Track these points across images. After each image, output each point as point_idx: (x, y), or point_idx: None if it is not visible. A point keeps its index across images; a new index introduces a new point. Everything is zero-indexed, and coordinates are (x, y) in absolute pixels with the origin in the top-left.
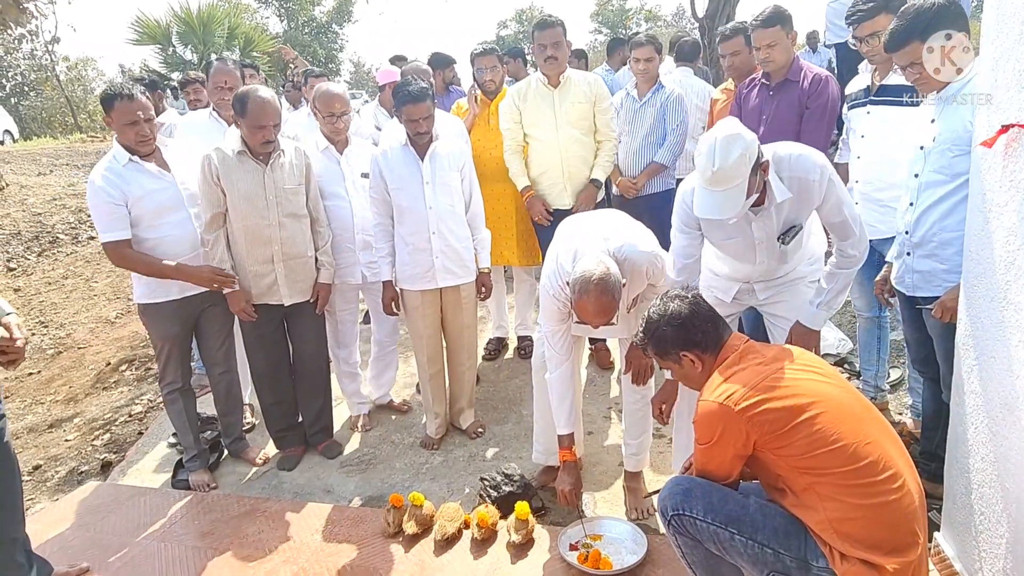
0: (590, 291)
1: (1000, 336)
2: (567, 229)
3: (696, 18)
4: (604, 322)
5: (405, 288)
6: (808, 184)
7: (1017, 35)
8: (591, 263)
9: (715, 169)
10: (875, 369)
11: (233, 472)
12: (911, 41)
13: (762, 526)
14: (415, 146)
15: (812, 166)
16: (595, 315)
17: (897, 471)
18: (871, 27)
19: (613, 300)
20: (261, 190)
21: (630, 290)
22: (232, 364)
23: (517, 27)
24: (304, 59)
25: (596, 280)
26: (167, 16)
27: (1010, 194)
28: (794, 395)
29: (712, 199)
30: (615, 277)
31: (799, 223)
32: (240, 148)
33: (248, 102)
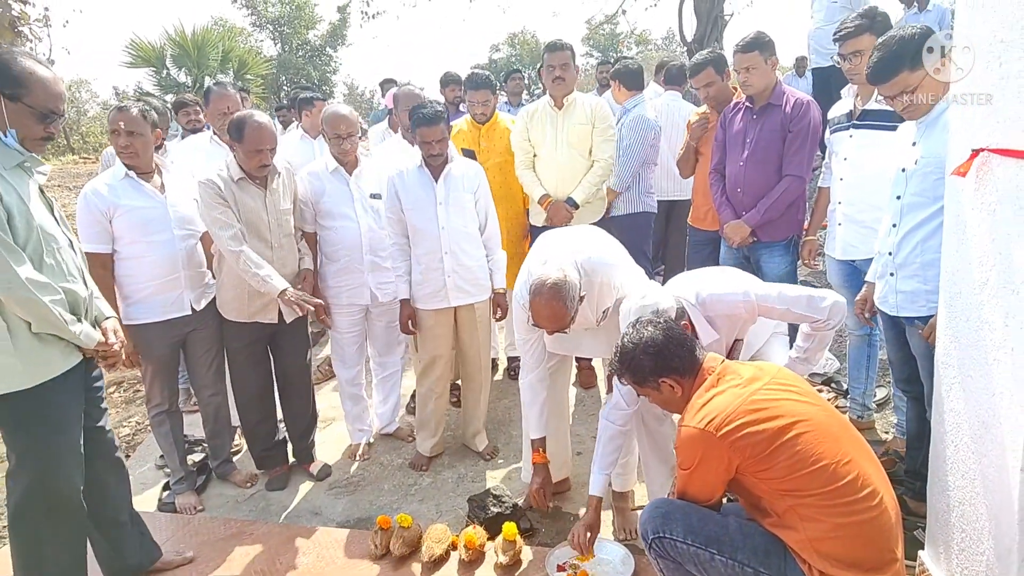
0: (542, 294)
1: (977, 355)
2: (542, 242)
3: (684, 42)
4: (556, 328)
5: (420, 307)
6: (735, 318)
7: (984, 64)
8: (551, 269)
9: None
10: (863, 387)
11: (220, 495)
12: (901, 71)
13: (742, 546)
14: (429, 167)
15: (733, 302)
16: (546, 320)
17: (875, 488)
18: (855, 44)
19: (563, 306)
20: (264, 214)
21: (598, 302)
22: (221, 386)
23: (510, 51)
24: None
25: (550, 285)
26: (161, 39)
27: (982, 216)
28: (774, 417)
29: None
30: (570, 285)
31: (742, 338)
32: (240, 175)
33: (245, 127)
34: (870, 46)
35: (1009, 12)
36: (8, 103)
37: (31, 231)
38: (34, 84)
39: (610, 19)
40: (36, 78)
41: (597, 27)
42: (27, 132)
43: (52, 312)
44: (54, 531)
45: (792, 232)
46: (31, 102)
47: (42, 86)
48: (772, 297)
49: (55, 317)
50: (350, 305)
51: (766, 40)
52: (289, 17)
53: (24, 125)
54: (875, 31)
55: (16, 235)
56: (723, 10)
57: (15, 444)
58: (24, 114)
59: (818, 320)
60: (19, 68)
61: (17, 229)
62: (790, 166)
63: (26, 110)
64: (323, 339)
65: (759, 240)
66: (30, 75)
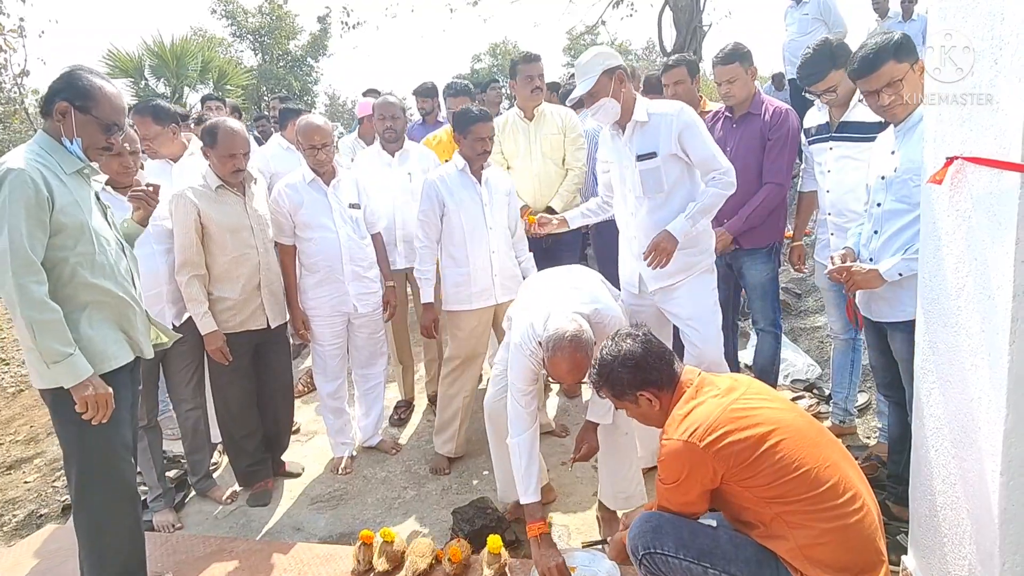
0: (564, 348)
1: (954, 360)
2: (534, 286)
3: (664, 52)
4: (577, 379)
5: (460, 310)
6: (669, 119)
7: (955, 74)
8: (564, 321)
9: (577, 63)
10: (846, 392)
11: (200, 511)
12: (886, 61)
13: (734, 558)
14: (472, 170)
15: (676, 108)
16: (568, 373)
17: (857, 491)
18: (827, 83)
19: (586, 357)
20: (246, 220)
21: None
22: (200, 401)
23: (491, 61)
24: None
25: (570, 337)
26: (140, 49)
27: (957, 223)
28: (754, 425)
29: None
30: (588, 335)
31: (656, 151)
32: (218, 183)
33: (218, 132)
34: (840, 78)
35: (979, 23)
36: (78, 114)
37: (83, 233)
38: (102, 98)
39: (591, 30)
40: (104, 93)
41: (578, 37)
42: (91, 141)
43: (27, 329)
44: (114, 519)
45: (773, 239)
46: (98, 114)
47: (108, 100)
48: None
49: (28, 336)
50: (332, 316)
51: (744, 51)
52: (269, 27)
53: (89, 135)
54: (838, 65)
55: (67, 236)
56: (702, 21)
57: (65, 435)
58: (91, 125)
59: (717, 170)
60: (89, 83)
61: (68, 229)
62: (770, 173)
63: (93, 121)
64: (304, 352)
65: (741, 248)
66: (99, 90)
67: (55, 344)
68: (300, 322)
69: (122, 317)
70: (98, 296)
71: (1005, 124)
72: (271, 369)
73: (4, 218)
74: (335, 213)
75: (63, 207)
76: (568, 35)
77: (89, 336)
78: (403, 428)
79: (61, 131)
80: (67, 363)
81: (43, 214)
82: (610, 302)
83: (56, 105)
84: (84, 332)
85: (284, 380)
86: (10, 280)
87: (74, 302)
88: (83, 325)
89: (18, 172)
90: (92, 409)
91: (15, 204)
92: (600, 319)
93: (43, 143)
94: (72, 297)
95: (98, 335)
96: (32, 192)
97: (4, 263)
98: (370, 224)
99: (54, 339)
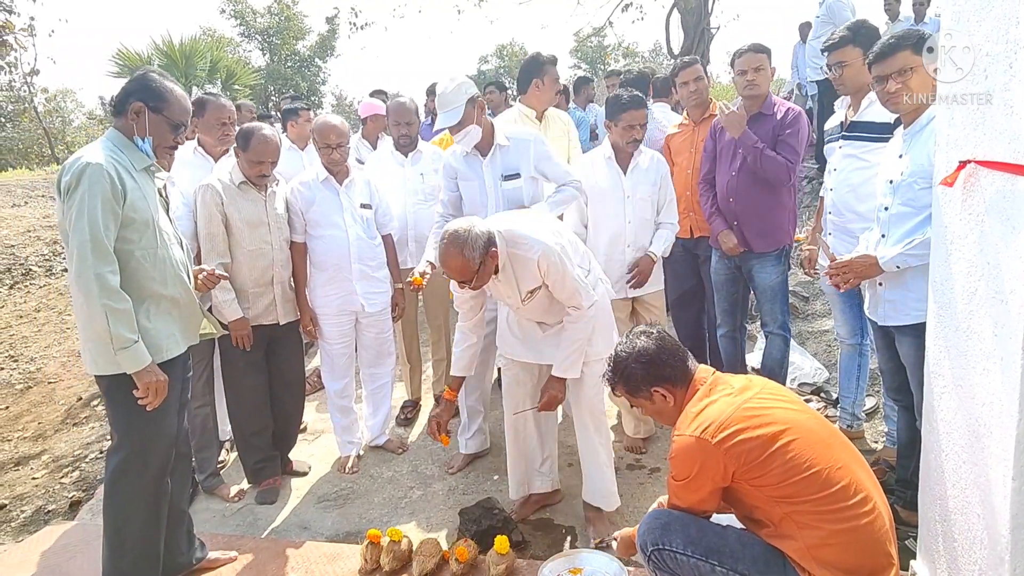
0: (443, 241)
1: (965, 365)
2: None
3: (672, 54)
4: (459, 279)
5: None
6: (527, 144)
7: (970, 77)
8: (460, 220)
9: (439, 93)
10: (853, 397)
11: (207, 509)
12: (903, 50)
13: (742, 556)
14: (619, 158)
15: (532, 135)
16: (448, 268)
17: (868, 494)
18: (839, 56)
19: (460, 254)
20: (264, 216)
21: (517, 276)
22: (210, 398)
23: (498, 62)
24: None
25: (450, 232)
26: (149, 49)
27: (969, 226)
28: (767, 424)
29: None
30: (473, 236)
31: (519, 172)
32: (242, 179)
33: (252, 139)
34: (854, 58)
35: (993, 26)
36: (151, 114)
37: (147, 227)
38: (173, 100)
39: (598, 31)
40: (175, 95)
41: (585, 39)
42: (161, 140)
43: (102, 316)
44: (139, 512)
45: (783, 243)
46: (169, 114)
47: (179, 102)
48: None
49: (102, 323)
50: (339, 314)
51: (768, 48)
52: (278, 28)
53: (160, 134)
54: (859, 43)
55: (134, 229)
56: (710, 24)
57: (119, 422)
58: (162, 124)
59: (577, 309)
60: (161, 85)
61: (136, 223)
62: (782, 149)
63: (164, 121)
64: (312, 350)
65: (751, 251)
66: (171, 92)
67: (125, 331)
68: (308, 319)
69: (178, 309)
70: (158, 289)
71: (1020, 127)
72: (282, 365)
73: (84, 210)
74: (346, 212)
75: (133, 202)
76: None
77: (146, 328)
78: (410, 428)
79: (133, 129)
80: (133, 349)
81: (117, 207)
82: (543, 235)
83: (131, 105)
84: (143, 324)
85: (295, 377)
86: (90, 270)
87: (136, 294)
88: (142, 318)
89: (96, 166)
90: (152, 394)
91: (94, 197)
92: (516, 240)
93: (116, 140)
94: (135, 289)
95: (154, 328)
96: (108, 186)
97: (85, 253)
98: (381, 224)
99: (124, 327)
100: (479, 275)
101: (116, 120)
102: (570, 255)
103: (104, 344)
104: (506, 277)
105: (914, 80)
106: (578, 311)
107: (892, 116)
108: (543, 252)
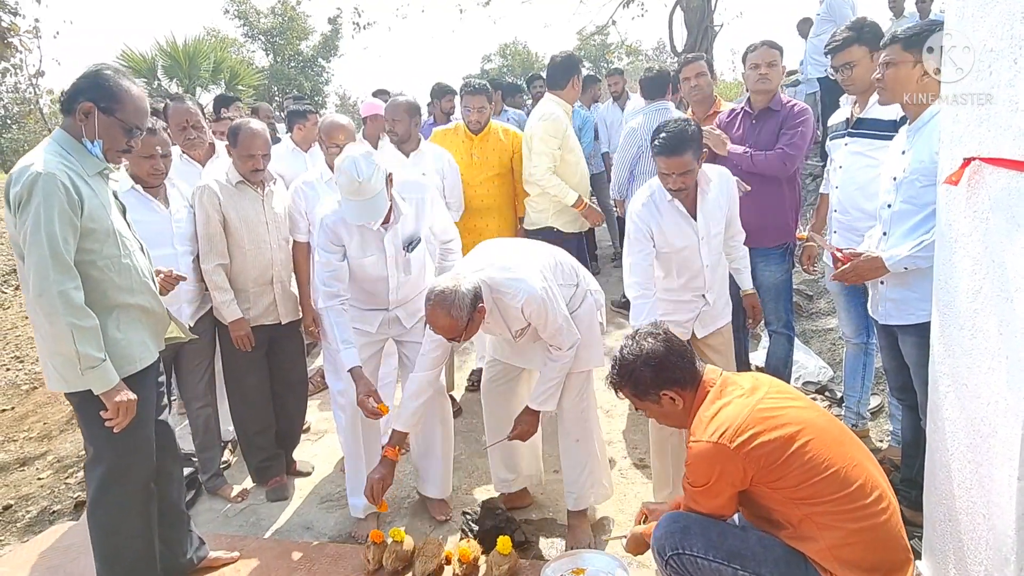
0: (430, 302)
1: (970, 363)
2: (477, 250)
3: (675, 52)
4: (449, 337)
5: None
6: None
7: (974, 74)
8: (447, 278)
9: (360, 181)
10: (858, 396)
11: (210, 509)
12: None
13: (764, 559)
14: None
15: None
16: (437, 328)
17: (883, 491)
18: (845, 56)
19: (448, 316)
20: (262, 215)
21: (505, 319)
22: (211, 398)
23: (501, 61)
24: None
25: (436, 293)
26: (153, 50)
27: (974, 224)
28: (783, 425)
29: (361, 208)
30: (460, 295)
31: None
32: (239, 179)
33: (239, 133)
34: (861, 57)
35: (997, 22)
36: (102, 115)
37: (108, 236)
38: (127, 100)
39: (601, 30)
40: (130, 95)
41: (588, 38)
42: (112, 143)
43: (67, 335)
44: (128, 520)
45: (787, 239)
46: (122, 116)
47: (133, 102)
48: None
49: (68, 343)
50: None
51: (781, 46)
52: (281, 28)
53: (111, 137)
54: (863, 42)
55: (95, 239)
56: (713, 21)
57: (95, 436)
58: (114, 127)
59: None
60: (115, 83)
61: (96, 232)
62: (784, 142)
63: (117, 123)
64: (315, 351)
65: (753, 247)
66: (126, 92)
67: (92, 350)
68: (311, 319)
69: (147, 317)
70: (126, 298)
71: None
72: (284, 365)
73: (40, 225)
74: None
75: (91, 211)
76: (578, 35)
77: (117, 339)
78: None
79: (82, 131)
80: (101, 369)
81: (75, 218)
82: (527, 275)
83: (80, 104)
84: (112, 335)
85: (297, 376)
86: (53, 287)
87: (101, 306)
88: (111, 328)
89: (48, 176)
90: (122, 414)
91: (50, 210)
92: (500, 288)
93: (64, 143)
94: (100, 301)
95: (125, 338)
96: (64, 197)
97: (45, 270)
98: None
99: (92, 345)
100: (467, 331)
101: (64, 120)
102: (555, 293)
103: (71, 363)
104: (495, 318)
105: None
106: (559, 351)
107: (899, 113)
108: (527, 299)
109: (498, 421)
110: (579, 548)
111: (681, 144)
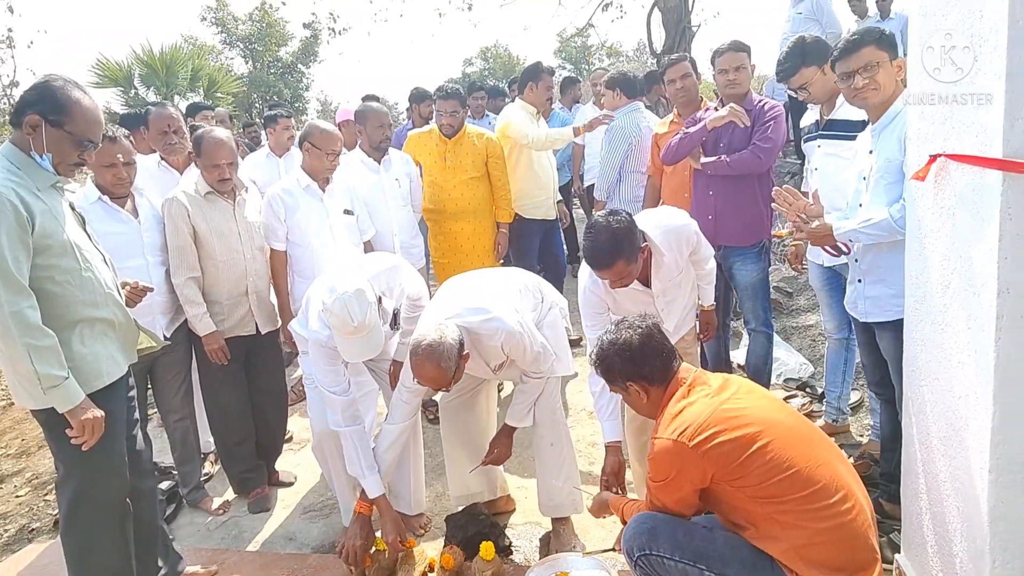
0: (419, 355)
1: (942, 357)
2: (444, 290)
3: (654, 53)
4: (436, 387)
5: None
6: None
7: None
8: (429, 328)
9: (355, 325)
10: (839, 391)
11: (191, 523)
12: (867, 45)
13: (731, 559)
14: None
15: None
16: (426, 380)
17: (849, 490)
18: (798, 80)
19: (439, 368)
20: (233, 225)
21: (485, 358)
22: (189, 410)
23: (483, 64)
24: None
25: (424, 346)
26: (129, 58)
27: (941, 220)
28: (745, 425)
29: (359, 345)
30: (447, 346)
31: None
32: (208, 189)
33: (203, 143)
34: (812, 76)
35: (959, 19)
36: (50, 128)
37: (65, 250)
38: (77, 112)
39: (581, 32)
40: (80, 107)
41: (568, 40)
42: (62, 157)
43: (24, 356)
44: (103, 537)
45: (762, 237)
46: (72, 129)
47: (84, 115)
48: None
49: (26, 363)
50: None
51: (748, 46)
52: (260, 35)
53: (61, 150)
54: (809, 62)
55: (51, 254)
56: (690, 22)
57: (64, 454)
58: (63, 140)
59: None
60: (64, 95)
61: (52, 248)
62: (756, 138)
63: (66, 136)
64: (295, 360)
65: (728, 246)
66: (75, 104)
67: (52, 370)
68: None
69: (114, 330)
70: (90, 312)
71: (986, 120)
72: (262, 375)
73: None
74: (329, 219)
75: (43, 225)
76: (559, 38)
77: (82, 354)
78: None
79: (31, 144)
80: (64, 387)
81: (26, 236)
82: (502, 313)
83: (27, 117)
84: (77, 350)
85: (276, 386)
86: (5, 308)
87: (64, 321)
88: (75, 343)
89: None
90: (88, 432)
91: None
92: (478, 330)
93: (12, 157)
94: (62, 316)
95: (91, 352)
96: (12, 215)
97: None
98: (363, 231)
99: (51, 365)
100: (454, 379)
101: (14, 133)
102: (528, 322)
103: (33, 383)
104: (475, 360)
105: (881, 74)
106: (537, 375)
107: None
108: (505, 337)
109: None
110: (563, 552)
111: (609, 256)
